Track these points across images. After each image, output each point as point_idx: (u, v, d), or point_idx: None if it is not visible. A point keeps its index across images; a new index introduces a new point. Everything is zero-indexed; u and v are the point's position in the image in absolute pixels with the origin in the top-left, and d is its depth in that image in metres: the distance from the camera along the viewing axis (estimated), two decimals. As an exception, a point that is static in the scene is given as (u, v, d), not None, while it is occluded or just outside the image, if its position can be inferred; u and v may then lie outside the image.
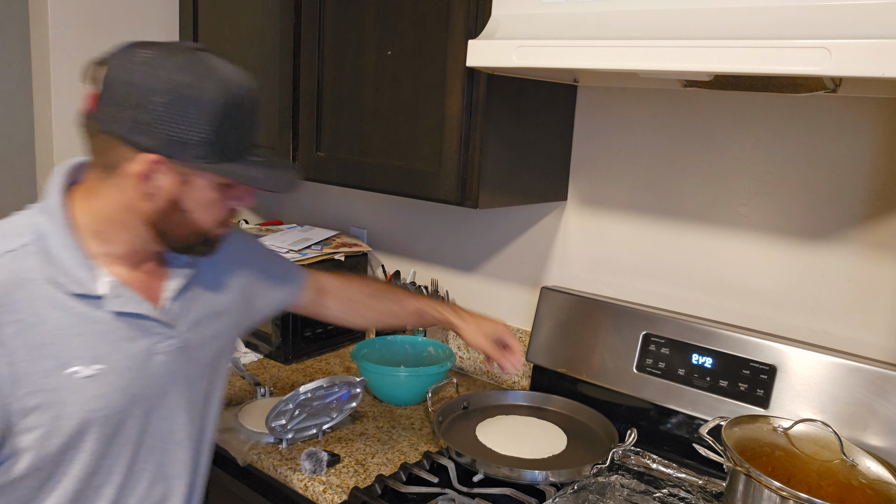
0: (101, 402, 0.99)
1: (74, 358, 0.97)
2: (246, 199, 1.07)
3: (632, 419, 1.51)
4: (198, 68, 0.94)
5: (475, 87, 1.40)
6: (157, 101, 0.91)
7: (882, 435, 1.23)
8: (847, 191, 1.34)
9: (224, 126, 0.95)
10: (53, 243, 0.97)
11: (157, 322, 1.05)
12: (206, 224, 1.03)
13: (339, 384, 1.46)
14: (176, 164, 0.95)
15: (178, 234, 1.03)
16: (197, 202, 1.00)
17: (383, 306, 1.42)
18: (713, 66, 0.98)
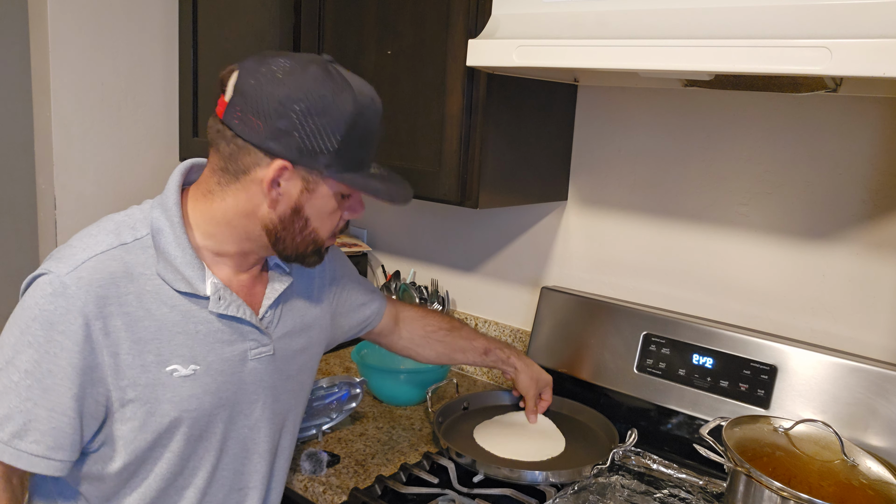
0: (194, 402, 1.01)
1: (174, 356, 0.99)
2: (359, 210, 1.08)
3: (632, 419, 1.51)
4: (334, 80, 0.96)
5: (475, 87, 1.40)
6: (296, 109, 0.93)
7: (883, 435, 1.22)
8: (847, 191, 1.34)
9: (352, 137, 0.97)
10: (167, 240, 0.99)
11: (254, 328, 1.07)
12: (323, 233, 1.05)
13: (338, 384, 1.46)
14: (304, 171, 0.97)
15: (296, 242, 1.04)
16: (318, 211, 1.02)
17: (455, 342, 1.42)
18: (714, 66, 0.97)
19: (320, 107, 0.94)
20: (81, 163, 2.00)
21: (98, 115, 2.01)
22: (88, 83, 1.97)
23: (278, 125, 0.94)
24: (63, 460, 0.95)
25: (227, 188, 1.00)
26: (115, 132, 2.05)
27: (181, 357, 1.00)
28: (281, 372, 1.13)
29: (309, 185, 0.99)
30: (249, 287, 1.09)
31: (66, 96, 1.93)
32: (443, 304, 1.85)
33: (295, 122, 0.94)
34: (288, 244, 1.04)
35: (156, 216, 1.01)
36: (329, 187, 1.00)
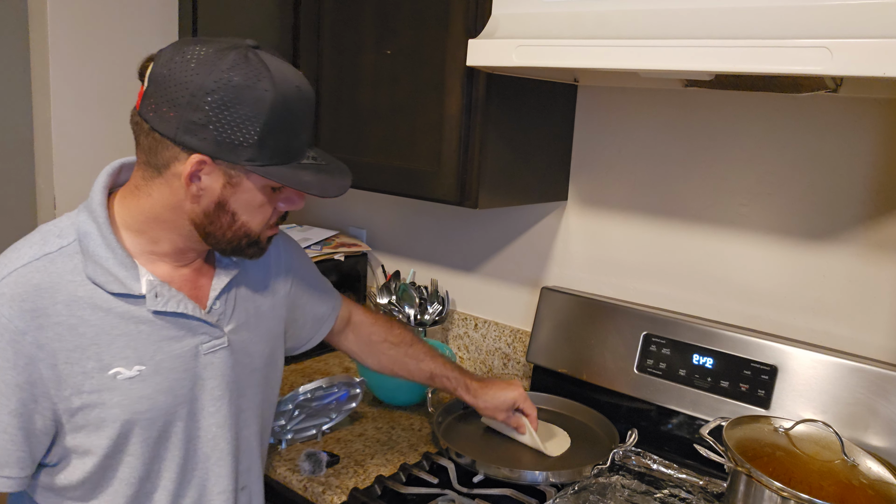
0: (145, 403, 0.98)
1: (116, 359, 0.96)
2: (296, 201, 1.04)
3: (632, 420, 1.50)
4: (251, 67, 0.91)
5: (475, 87, 1.40)
6: (209, 100, 0.89)
7: (883, 435, 1.22)
8: (848, 191, 1.34)
9: (275, 128, 0.93)
10: (95, 242, 0.96)
11: (202, 321, 1.04)
12: (254, 226, 1.01)
13: (338, 385, 1.46)
14: (224, 165, 0.94)
15: (227, 236, 1.01)
16: (244, 205, 0.98)
17: (399, 359, 1.39)
18: (714, 66, 0.97)
19: (235, 97, 0.89)
20: (81, 163, 1.99)
21: (98, 115, 2.01)
22: (88, 83, 1.97)
23: (192, 118, 0.90)
24: (12, 477, 0.93)
25: (152, 183, 0.97)
26: (114, 132, 2.05)
27: (124, 359, 0.97)
28: (243, 365, 1.10)
29: (232, 180, 0.95)
30: (193, 280, 1.05)
31: (66, 96, 1.93)
32: (443, 304, 1.85)
33: (209, 114, 0.90)
34: (219, 238, 1.01)
35: (82, 220, 0.98)
36: (254, 181, 0.96)
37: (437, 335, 1.97)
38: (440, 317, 1.85)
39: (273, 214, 1.03)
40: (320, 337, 1.32)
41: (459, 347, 1.94)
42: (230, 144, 0.91)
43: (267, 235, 1.05)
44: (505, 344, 1.84)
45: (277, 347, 1.20)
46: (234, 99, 0.89)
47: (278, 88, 0.91)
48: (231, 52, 0.91)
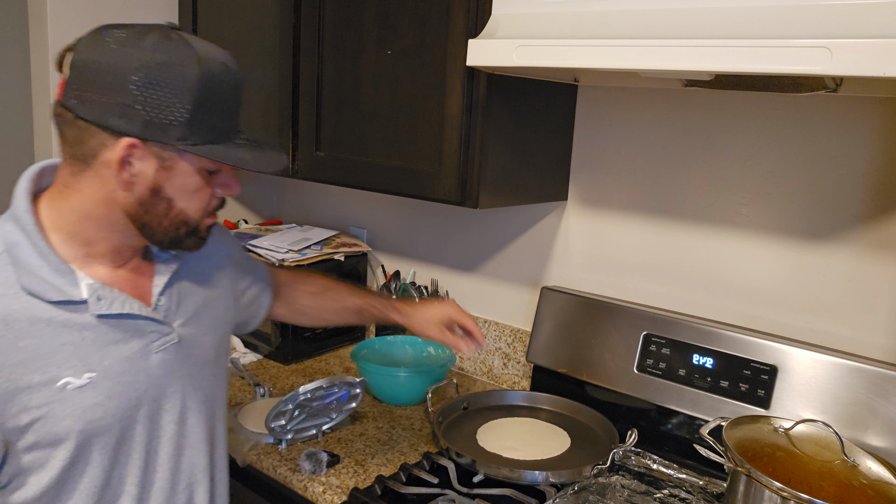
0: (99, 410, 0.95)
1: (63, 369, 0.92)
2: (232, 186, 1.01)
3: (632, 420, 1.50)
4: (173, 47, 0.89)
5: (475, 87, 1.40)
6: (135, 80, 0.87)
7: (883, 435, 1.22)
8: (847, 191, 1.34)
9: (203, 106, 0.91)
10: (25, 252, 0.92)
11: (149, 320, 1.01)
12: (192, 213, 0.98)
13: (338, 384, 1.46)
14: (155, 147, 0.91)
15: (164, 226, 0.97)
16: (180, 189, 0.95)
17: (324, 304, 1.37)
18: (714, 66, 0.97)
19: (161, 75, 0.88)
20: (81, 163, 1.99)
21: (98, 115, 2.01)
22: (88, 83, 1.97)
23: (118, 100, 0.87)
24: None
25: (81, 177, 0.93)
26: (114, 132, 2.05)
27: (72, 368, 0.93)
28: (195, 358, 1.07)
29: (165, 163, 0.92)
30: (134, 280, 1.02)
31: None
32: (443, 304, 1.85)
33: (135, 94, 0.87)
34: (156, 229, 0.97)
35: (7, 230, 0.93)
36: (188, 162, 0.93)
37: (437, 335, 1.97)
38: (440, 317, 1.85)
39: (211, 200, 1.00)
40: (264, 311, 1.30)
41: (459, 347, 1.94)
42: (160, 124, 0.89)
43: (206, 224, 1.02)
44: (505, 344, 1.84)
45: (225, 337, 1.17)
46: (159, 77, 0.88)
47: (204, 65, 0.90)
48: (151, 32, 0.90)
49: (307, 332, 1.94)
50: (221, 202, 1.04)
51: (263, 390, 1.67)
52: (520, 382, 1.82)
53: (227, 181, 1.01)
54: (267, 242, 1.97)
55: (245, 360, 1.91)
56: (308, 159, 1.71)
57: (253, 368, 1.86)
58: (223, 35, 1.90)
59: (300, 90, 1.70)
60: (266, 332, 1.93)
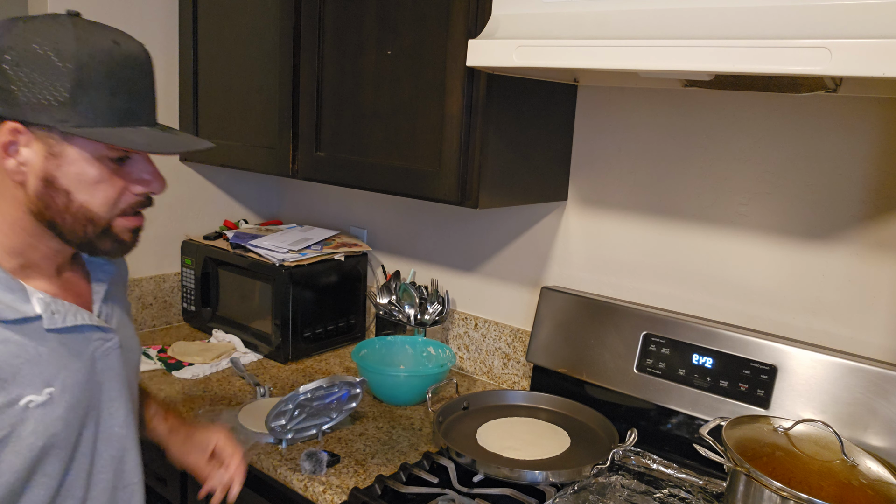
0: (60, 424, 0.94)
1: (24, 388, 0.90)
2: (149, 182, 0.94)
3: (632, 419, 1.51)
4: (52, 26, 0.85)
5: (475, 87, 1.40)
6: (8, 59, 0.83)
7: (883, 435, 1.22)
8: (847, 191, 1.34)
9: (84, 86, 0.85)
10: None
11: (96, 328, 1.00)
12: (97, 209, 0.91)
13: (338, 384, 1.46)
14: (39, 132, 0.86)
15: (68, 223, 0.91)
16: (76, 180, 0.89)
17: None
18: (714, 66, 0.97)
19: (36, 54, 0.83)
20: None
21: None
22: (89, 83, 1.97)
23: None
24: None
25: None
26: (115, 132, 2.05)
27: (31, 386, 0.90)
28: (129, 362, 1.08)
29: (52, 149, 0.87)
30: (74, 288, 1.01)
31: (67, 96, 1.93)
32: (443, 304, 1.85)
33: (9, 74, 0.83)
34: (62, 227, 0.92)
35: None
36: (80, 148, 0.88)
37: (437, 335, 1.97)
38: (440, 317, 1.85)
39: (123, 196, 0.93)
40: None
41: (459, 347, 1.94)
42: (37, 105, 0.84)
43: (124, 226, 0.95)
44: (505, 344, 1.84)
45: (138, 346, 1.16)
46: (35, 55, 0.84)
47: (84, 43, 0.85)
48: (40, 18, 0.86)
49: (307, 331, 1.94)
50: (146, 202, 0.97)
51: (263, 390, 1.67)
52: (520, 382, 1.82)
53: (143, 176, 0.94)
54: (267, 242, 1.97)
55: (245, 359, 1.91)
56: (308, 159, 1.71)
57: (253, 368, 1.87)
58: (223, 35, 1.90)
59: (300, 90, 1.70)
60: (266, 331, 1.94)
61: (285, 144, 1.75)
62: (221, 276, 2.05)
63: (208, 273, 2.07)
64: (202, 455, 1.17)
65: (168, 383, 1.74)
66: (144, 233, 1.03)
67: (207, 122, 2.00)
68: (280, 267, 1.87)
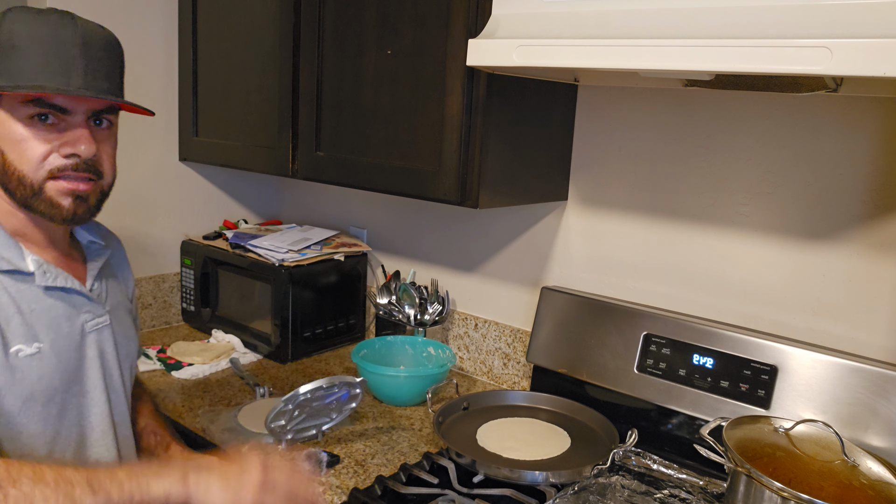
0: (44, 382, 1.01)
1: (16, 337, 0.98)
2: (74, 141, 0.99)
3: (632, 420, 1.50)
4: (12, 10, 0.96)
5: (475, 87, 1.40)
6: None
7: (883, 435, 1.22)
8: (848, 191, 1.34)
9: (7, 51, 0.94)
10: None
11: (87, 298, 1.08)
12: (23, 167, 0.98)
13: (338, 385, 1.46)
14: None
15: (9, 184, 0.99)
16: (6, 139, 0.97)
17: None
18: (714, 66, 0.97)
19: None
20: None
21: (98, 115, 2.01)
22: (88, 83, 1.97)
23: None
24: None
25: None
26: (114, 132, 2.05)
27: (22, 337, 0.98)
28: (119, 346, 1.14)
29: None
30: (68, 264, 1.09)
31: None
32: (443, 304, 1.85)
33: None
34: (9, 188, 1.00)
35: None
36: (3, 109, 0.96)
37: (437, 335, 1.97)
38: (440, 317, 1.85)
39: (50, 156, 0.99)
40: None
41: (459, 347, 1.94)
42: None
43: (57, 189, 1.00)
44: (505, 344, 1.84)
45: (135, 345, 1.23)
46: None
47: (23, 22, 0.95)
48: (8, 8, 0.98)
49: (307, 332, 1.94)
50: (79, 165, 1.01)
51: (263, 390, 1.67)
52: (520, 382, 1.82)
53: (72, 137, 0.99)
54: (267, 242, 1.97)
55: (245, 360, 1.91)
56: (308, 159, 1.71)
57: (253, 368, 1.86)
58: (223, 35, 1.90)
59: (300, 90, 1.70)
60: (266, 332, 1.93)
61: (285, 144, 1.75)
62: (221, 276, 2.05)
63: (208, 273, 2.07)
64: None
65: (167, 383, 1.74)
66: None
67: (207, 122, 2.00)
68: (280, 267, 1.87)
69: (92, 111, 1.01)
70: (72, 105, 0.99)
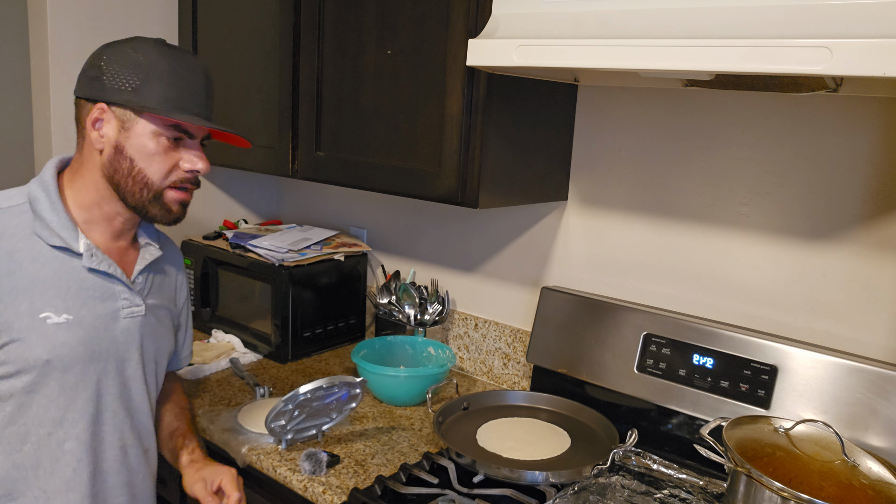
0: (66, 349, 1.12)
1: (47, 305, 1.11)
2: (195, 161, 1.18)
3: (632, 420, 1.50)
4: (141, 40, 1.15)
5: (475, 87, 1.40)
6: (104, 58, 1.13)
7: (883, 435, 1.22)
8: (848, 190, 1.34)
9: (152, 79, 1.12)
10: (42, 206, 1.14)
11: (126, 287, 1.20)
12: (152, 175, 1.15)
13: (338, 385, 1.46)
14: (119, 111, 1.13)
15: (129, 186, 1.15)
16: (139, 150, 1.14)
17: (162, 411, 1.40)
18: (714, 66, 0.97)
19: (122, 54, 1.13)
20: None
21: (98, 115, 2.00)
22: (88, 83, 1.96)
23: (91, 75, 1.14)
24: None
25: (82, 145, 1.17)
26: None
27: (54, 306, 1.11)
28: (151, 338, 1.26)
29: (125, 124, 1.13)
30: (122, 255, 1.22)
31: (66, 96, 1.93)
32: (443, 304, 1.85)
33: (102, 68, 1.13)
34: (125, 189, 1.15)
35: (33, 188, 1.16)
36: (144, 125, 1.13)
37: (437, 335, 1.97)
38: (440, 317, 1.85)
39: (174, 170, 1.17)
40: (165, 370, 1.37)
41: (459, 347, 1.94)
42: (117, 90, 1.12)
43: (173, 198, 1.19)
44: (505, 344, 1.84)
45: (169, 342, 1.34)
46: (121, 56, 1.13)
47: (157, 51, 1.14)
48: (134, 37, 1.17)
49: (307, 331, 1.94)
50: (193, 180, 1.20)
51: (263, 390, 1.67)
52: (520, 382, 1.82)
53: (191, 156, 1.18)
54: (267, 242, 1.97)
55: (245, 360, 1.91)
56: (308, 159, 1.71)
57: (253, 368, 1.86)
58: (223, 35, 1.90)
59: (300, 90, 1.70)
60: (266, 331, 1.93)
61: (285, 144, 1.75)
62: (221, 276, 2.05)
63: (208, 273, 2.07)
64: (208, 488, 1.25)
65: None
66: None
67: (207, 122, 2.00)
68: (280, 267, 1.87)
69: (204, 136, 1.21)
70: (197, 131, 1.18)
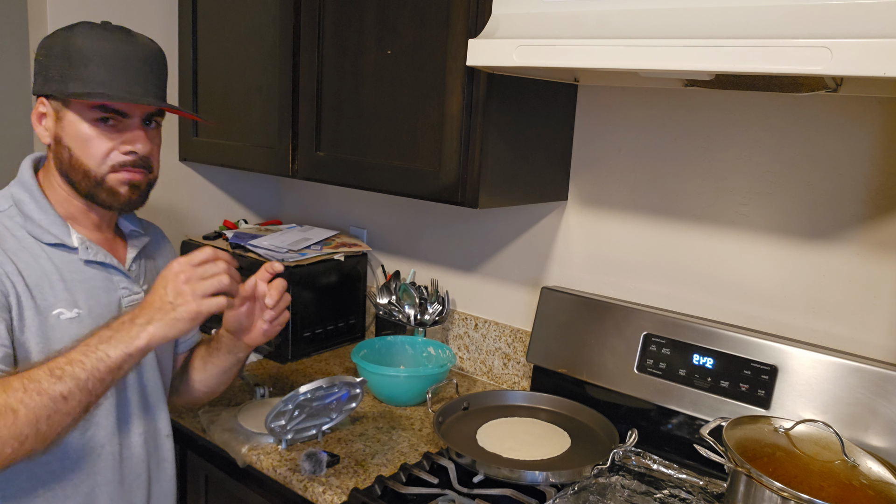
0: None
1: (59, 301, 1.11)
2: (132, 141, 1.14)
3: (632, 420, 1.50)
4: (78, 26, 1.12)
5: (475, 87, 1.40)
6: (42, 51, 1.13)
7: (883, 435, 1.22)
8: (848, 190, 1.34)
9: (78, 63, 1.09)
10: (29, 207, 1.14)
11: (124, 276, 1.20)
12: (88, 162, 1.13)
13: (338, 385, 1.46)
14: (53, 103, 1.13)
15: (74, 176, 1.14)
16: (74, 138, 1.12)
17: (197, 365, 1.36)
18: (714, 66, 0.97)
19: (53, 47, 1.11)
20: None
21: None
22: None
23: (35, 69, 1.14)
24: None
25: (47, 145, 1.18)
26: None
27: (64, 301, 1.11)
28: None
29: (59, 113, 1.13)
30: (110, 245, 1.22)
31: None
32: (443, 304, 1.85)
33: (41, 61, 1.13)
34: (73, 180, 1.14)
35: (14, 190, 1.16)
36: (74, 112, 1.11)
37: (437, 335, 1.97)
38: (440, 317, 1.85)
39: (112, 153, 1.13)
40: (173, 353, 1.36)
41: (459, 347, 1.94)
42: (50, 80, 1.11)
43: (117, 179, 1.15)
44: (505, 344, 1.84)
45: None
46: (54, 46, 1.12)
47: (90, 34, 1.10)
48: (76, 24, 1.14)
49: (307, 332, 1.94)
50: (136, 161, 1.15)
51: (263, 391, 1.67)
52: (520, 382, 1.82)
53: (130, 136, 1.15)
54: (267, 242, 1.96)
55: (245, 360, 1.91)
56: (308, 159, 1.71)
57: (253, 368, 1.86)
58: (223, 35, 1.90)
59: (300, 90, 1.70)
60: (266, 332, 1.93)
61: (285, 144, 1.75)
62: (221, 276, 2.05)
63: (208, 273, 2.07)
64: (248, 318, 1.25)
65: (168, 383, 1.74)
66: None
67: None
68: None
69: (145, 114, 1.16)
70: (130, 110, 1.14)
